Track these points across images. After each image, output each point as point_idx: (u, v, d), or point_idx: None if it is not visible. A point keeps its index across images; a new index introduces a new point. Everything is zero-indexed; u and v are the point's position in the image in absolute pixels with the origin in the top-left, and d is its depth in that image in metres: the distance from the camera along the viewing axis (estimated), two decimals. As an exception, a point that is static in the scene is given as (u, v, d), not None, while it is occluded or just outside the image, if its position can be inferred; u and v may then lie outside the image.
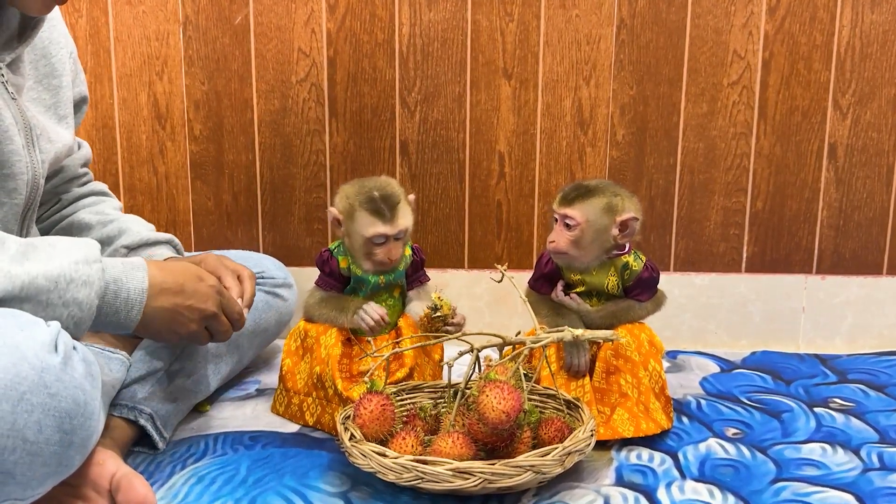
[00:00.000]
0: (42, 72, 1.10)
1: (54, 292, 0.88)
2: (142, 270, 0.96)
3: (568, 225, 1.19)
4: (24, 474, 0.80)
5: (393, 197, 1.20)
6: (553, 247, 1.20)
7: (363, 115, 1.62)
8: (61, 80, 1.12)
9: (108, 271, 0.93)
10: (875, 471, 1.10)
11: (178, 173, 1.66)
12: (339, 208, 1.22)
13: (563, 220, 1.19)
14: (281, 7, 1.59)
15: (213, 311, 1.04)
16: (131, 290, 0.94)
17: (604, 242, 1.20)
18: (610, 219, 1.19)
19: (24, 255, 0.88)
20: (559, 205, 1.20)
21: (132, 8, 1.60)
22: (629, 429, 1.14)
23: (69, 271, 0.89)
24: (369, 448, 0.98)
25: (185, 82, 1.62)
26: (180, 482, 1.05)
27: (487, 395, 0.97)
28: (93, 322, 0.92)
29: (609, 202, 1.19)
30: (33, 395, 0.79)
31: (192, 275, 1.03)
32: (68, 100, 1.14)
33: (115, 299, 0.93)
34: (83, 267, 0.90)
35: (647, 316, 1.25)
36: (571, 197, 1.19)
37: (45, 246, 0.90)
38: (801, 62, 1.57)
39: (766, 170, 1.61)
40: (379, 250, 1.20)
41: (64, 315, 0.88)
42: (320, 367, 1.21)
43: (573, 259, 1.20)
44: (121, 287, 0.94)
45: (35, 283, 0.87)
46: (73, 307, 0.89)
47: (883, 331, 1.64)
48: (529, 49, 1.58)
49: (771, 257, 1.64)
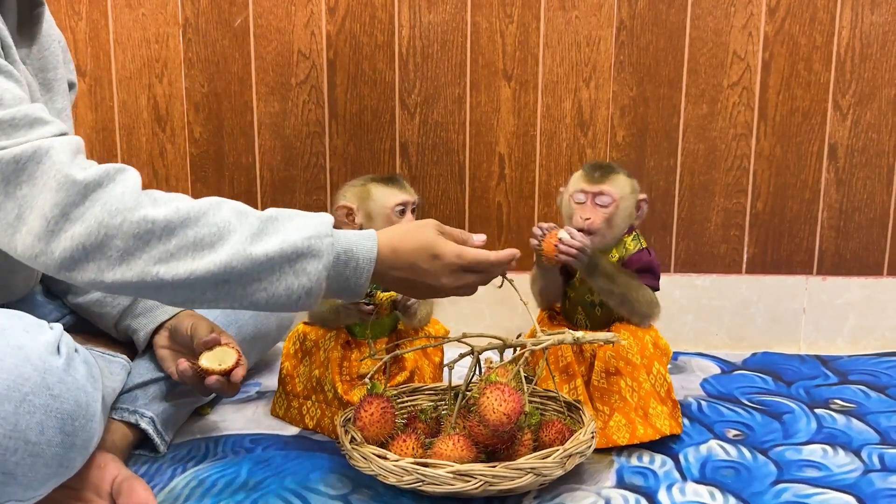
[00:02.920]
0: (36, 66, 1.08)
1: (287, 265, 0.89)
2: (372, 240, 0.95)
3: (599, 204, 1.17)
4: (25, 475, 0.80)
5: (397, 174, 1.26)
6: (588, 224, 1.15)
7: (363, 117, 1.62)
8: (55, 72, 1.11)
9: (338, 244, 0.93)
10: (876, 472, 1.10)
11: (178, 175, 1.66)
12: (347, 198, 1.23)
13: (595, 198, 1.16)
14: (281, 9, 1.59)
15: (448, 292, 1.00)
16: (360, 260, 0.94)
17: (629, 221, 1.19)
18: (634, 198, 1.19)
19: (262, 231, 0.90)
20: (590, 182, 1.17)
21: (132, 10, 1.60)
22: (624, 436, 1.14)
23: (301, 247, 0.90)
24: (370, 451, 0.98)
25: (185, 84, 1.62)
26: (181, 485, 1.05)
27: (488, 397, 0.97)
28: (326, 291, 0.93)
29: (631, 181, 1.19)
30: (36, 397, 0.80)
31: (425, 254, 0.97)
32: (63, 91, 1.13)
33: (344, 268, 0.93)
34: (315, 242, 0.91)
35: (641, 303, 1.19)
36: (603, 173, 1.17)
37: (285, 219, 0.92)
38: (802, 63, 1.57)
39: (766, 171, 1.61)
40: (401, 220, 1.21)
41: (295, 285, 0.90)
42: (319, 370, 1.21)
43: (602, 239, 1.18)
44: (350, 257, 0.93)
45: (271, 261, 0.88)
46: (303, 277, 0.90)
47: (885, 332, 1.63)
48: (529, 51, 1.58)
49: (772, 258, 1.64)
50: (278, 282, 0.89)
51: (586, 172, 1.19)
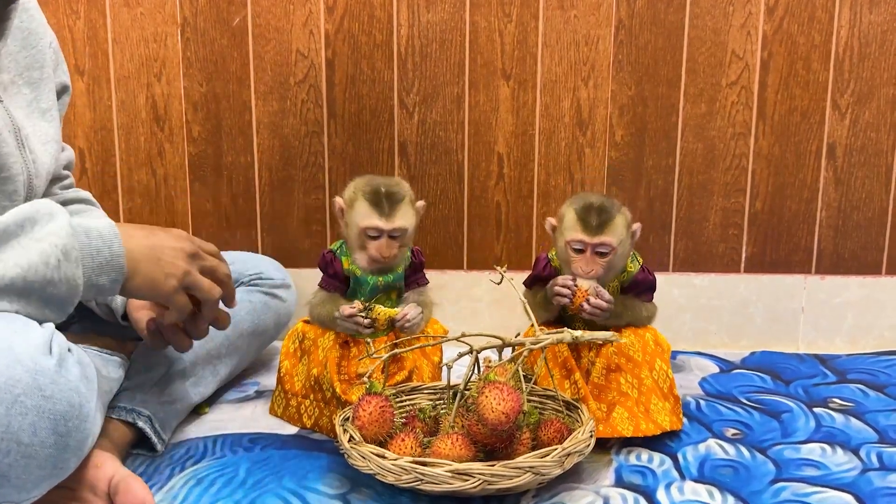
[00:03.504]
0: (22, 64, 1.07)
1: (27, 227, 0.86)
2: (105, 218, 0.92)
3: (601, 253, 1.18)
4: (19, 477, 0.80)
5: (397, 195, 1.20)
6: (591, 275, 1.18)
7: (362, 117, 1.62)
8: (42, 71, 1.10)
9: (72, 225, 0.90)
10: (874, 471, 1.10)
11: (176, 175, 1.66)
12: (344, 197, 1.23)
13: (596, 249, 1.18)
14: (279, 8, 1.59)
15: (194, 249, 0.98)
16: (101, 228, 0.91)
17: (627, 257, 1.23)
18: (628, 234, 1.20)
19: None
20: (590, 235, 1.18)
21: (130, 10, 1.60)
22: (629, 428, 1.14)
23: (31, 210, 0.87)
24: (368, 450, 0.98)
25: (184, 84, 1.62)
26: (179, 484, 1.04)
27: (487, 396, 0.97)
28: (88, 272, 0.89)
29: (624, 216, 1.20)
30: (27, 398, 0.79)
31: (158, 226, 0.99)
32: (50, 91, 1.12)
33: (87, 239, 0.89)
34: (43, 206, 0.88)
35: (643, 322, 1.24)
36: (599, 224, 1.18)
37: None
38: (800, 62, 1.57)
39: (765, 170, 1.61)
40: (372, 244, 1.20)
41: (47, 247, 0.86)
42: (318, 369, 1.21)
43: (600, 279, 1.21)
44: (90, 228, 0.90)
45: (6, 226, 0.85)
46: (51, 238, 0.86)
47: (884, 331, 1.63)
48: (528, 50, 1.58)
49: (770, 258, 1.64)
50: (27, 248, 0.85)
51: (584, 222, 1.18)
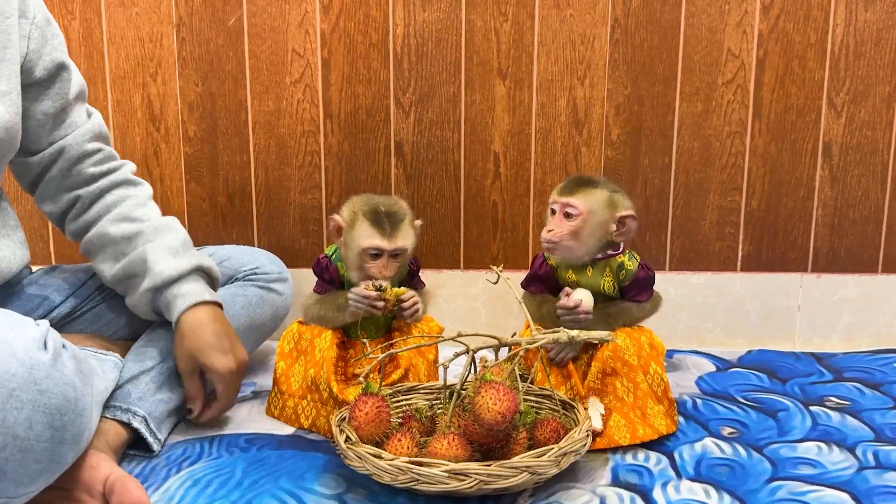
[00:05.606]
0: None
1: None
2: None
3: (569, 214, 1.18)
4: (15, 471, 0.80)
5: (397, 214, 1.20)
6: (551, 235, 1.18)
7: (358, 116, 1.62)
8: (3, 52, 1.06)
9: None
10: (871, 469, 1.10)
11: (172, 175, 1.66)
12: (343, 216, 1.22)
13: (564, 210, 1.18)
14: (275, 8, 1.59)
15: None
16: None
17: (601, 237, 1.19)
18: (610, 213, 1.18)
19: None
20: (560, 194, 1.19)
21: (125, 10, 1.60)
22: (625, 436, 1.14)
23: None
24: (365, 450, 0.98)
25: (180, 84, 1.62)
26: (176, 485, 1.04)
27: (483, 395, 0.97)
28: None
29: (611, 196, 1.19)
30: (23, 392, 0.80)
31: None
32: (13, 74, 1.07)
33: None
34: None
35: (644, 318, 1.23)
36: (574, 186, 1.19)
37: None
38: (796, 61, 1.57)
39: (761, 168, 1.61)
40: (372, 264, 1.19)
41: None
42: (314, 369, 1.21)
43: (568, 251, 1.19)
44: None
45: None
46: None
47: (880, 329, 1.64)
48: (524, 49, 1.58)
49: (766, 256, 1.64)
50: None
51: (562, 184, 1.21)
